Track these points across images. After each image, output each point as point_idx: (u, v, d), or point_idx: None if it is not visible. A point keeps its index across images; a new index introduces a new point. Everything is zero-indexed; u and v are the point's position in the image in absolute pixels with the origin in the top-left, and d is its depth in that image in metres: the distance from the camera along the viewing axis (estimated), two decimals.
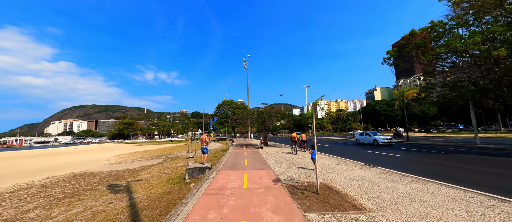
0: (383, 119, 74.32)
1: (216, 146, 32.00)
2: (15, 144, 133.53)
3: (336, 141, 27.20)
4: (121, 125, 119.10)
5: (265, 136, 22.32)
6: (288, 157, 12.77)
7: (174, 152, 27.90)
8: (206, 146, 10.02)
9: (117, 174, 12.30)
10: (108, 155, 30.39)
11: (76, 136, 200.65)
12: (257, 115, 19.92)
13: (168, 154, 24.98)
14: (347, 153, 15.06)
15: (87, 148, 57.46)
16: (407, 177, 6.78)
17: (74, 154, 36.91)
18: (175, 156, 21.57)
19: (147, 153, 28.90)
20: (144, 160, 19.64)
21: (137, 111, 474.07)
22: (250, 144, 26.97)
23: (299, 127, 54.00)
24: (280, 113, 19.70)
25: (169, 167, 13.50)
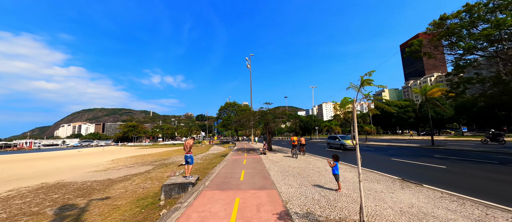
0: (394, 121, 70.36)
1: (217, 151, 29.77)
2: (25, 147, 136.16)
3: None
4: (126, 128, 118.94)
5: (269, 139, 19.90)
6: (296, 166, 10.30)
7: (171, 157, 25.83)
8: (190, 154, 7.72)
9: (89, 187, 10.15)
10: (102, 159, 28.64)
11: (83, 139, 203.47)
12: (260, 117, 17.61)
13: (163, 160, 22.89)
14: (367, 161, 12.43)
15: (89, 151, 56.42)
16: (493, 208, 4.22)
17: (71, 158, 35.50)
18: (169, 162, 19.42)
19: (142, 158, 26.92)
20: (133, 167, 17.54)
21: (144, 114, 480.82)
22: (252, 148, 24.57)
23: (306, 129, 51.15)
24: (285, 114, 17.29)
25: (153, 178, 11.27)
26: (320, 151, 19.39)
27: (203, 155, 25.39)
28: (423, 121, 64.36)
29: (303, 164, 10.85)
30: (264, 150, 16.40)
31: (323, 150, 20.38)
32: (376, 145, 24.14)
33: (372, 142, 29.09)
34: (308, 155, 15.72)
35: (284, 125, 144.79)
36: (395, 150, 18.41)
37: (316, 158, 13.60)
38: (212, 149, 34.38)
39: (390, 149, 19.53)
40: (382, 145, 24.22)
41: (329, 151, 19.66)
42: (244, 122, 19.05)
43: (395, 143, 25.00)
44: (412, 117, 65.69)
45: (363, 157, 14.35)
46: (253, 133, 42.50)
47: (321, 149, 21.70)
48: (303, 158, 13.89)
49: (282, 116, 17.30)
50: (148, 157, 28.70)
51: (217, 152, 27.43)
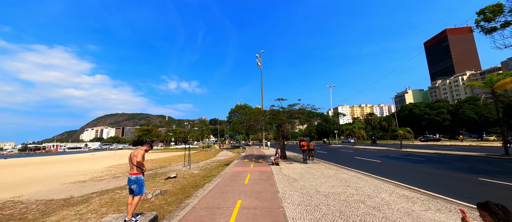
0: (425, 125, 62.15)
1: (223, 157, 26.41)
2: (52, 149, 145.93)
3: (388, 155, 19.50)
4: (140, 132, 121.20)
5: (282, 145, 16.03)
6: (330, 192, 6.38)
7: (171, 164, 22.93)
8: (137, 175, 4.19)
9: (20, 214, 7.11)
10: (102, 165, 26.66)
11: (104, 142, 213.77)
12: (271, 116, 13.92)
13: (160, 167, 19.98)
14: (444, 182, 8.09)
15: (101, 155, 56.45)
16: None
17: (76, 162, 34.44)
18: (162, 172, 16.33)
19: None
20: (119, 178, 14.64)
21: (160, 118, 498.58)
22: (262, 155, 20.78)
23: (323, 133, 46.10)
24: (303, 113, 13.32)
25: (113, 201, 7.99)
26: (349, 161, 15.05)
27: (206, 162, 22.20)
28: (461, 124, 55.74)
29: (340, 188, 6.86)
30: (276, 159, 12.58)
31: (353, 159, 15.98)
32: (422, 154, 19.06)
33: (409, 149, 23.80)
34: (330, 164, 11.62)
35: (298, 129, 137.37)
36: (460, 161, 13.52)
37: (353, 173, 9.48)
38: (220, 155, 31.15)
39: (451, 159, 14.60)
40: (430, 153, 19.07)
41: (360, 160, 15.24)
42: (252, 123, 15.46)
43: (445, 151, 19.68)
44: (448, 119, 57.36)
45: (423, 173, 9.87)
46: (264, 137, 38.64)
47: (349, 158, 17.27)
48: (333, 172, 9.85)
49: (300, 115, 13.42)
50: (149, 163, 26.15)
51: (222, 159, 24.11)
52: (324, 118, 12.91)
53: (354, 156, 18.64)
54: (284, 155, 15.94)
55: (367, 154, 19.80)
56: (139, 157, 4.24)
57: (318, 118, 12.86)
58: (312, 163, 13.32)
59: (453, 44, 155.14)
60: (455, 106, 58.82)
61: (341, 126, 48.08)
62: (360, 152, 23.53)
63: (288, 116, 13.29)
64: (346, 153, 22.39)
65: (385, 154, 19.00)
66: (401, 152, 20.59)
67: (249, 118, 15.45)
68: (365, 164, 13.28)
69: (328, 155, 21.01)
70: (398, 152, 21.28)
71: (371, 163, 13.44)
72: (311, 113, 12.71)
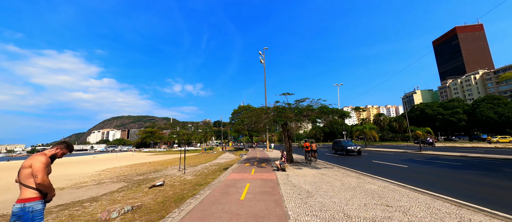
0: (439, 125, 58.65)
1: (224, 159, 24.48)
2: None
3: (410, 158, 17.11)
4: (144, 134, 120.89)
5: (288, 147, 13.96)
6: (368, 221, 4.29)
7: (168, 167, 21.18)
8: (26, 203, 2.21)
9: None
10: (93, 169, 25.14)
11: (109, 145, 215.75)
12: (275, 114, 11.90)
13: (156, 171, 18.21)
14: None
15: (102, 157, 55.40)
16: None
17: (74, 165, 33.09)
18: (156, 176, 14.50)
19: (136, 168, 22.74)
20: (103, 186, 12.86)
21: (165, 120, 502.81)
22: (266, 158, 18.72)
23: (331, 135, 43.61)
24: (312, 110, 11.14)
25: (73, 218, 6.09)
26: (368, 165, 12.82)
27: (204, 165, 20.32)
28: (478, 124, 52.14)
29: (377, 208, 4.75)
30: (282, 163, 10.51)
31: (371, 164, 13.72)
32: (451, 157, 16.60)
33: (430, 151, 21.27)
34: (347, 170, 9.47)
35: (302, 130, 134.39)
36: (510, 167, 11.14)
37: (382, 183, 7.33)
38: (221, 157, 29.25)
39: (495, 164, 12.20)
40: (460, 156, 16.58)
41: (380, 164, 12.98)
42: (254, 122, 13.49)
43: (476, 154, 17.14)
44: (464, 119, 53.83)
45: (476, 183, 7.60)
46: (268, 139, 36.55)
47: (366, 162, 15.00)
48: (355, 181, 7.75)
49: (309, 112, 11.31)
50: (144, 166, 24.50)
51: (222, 162, 22.19)
52: (341, 113, 10.54)
53: (371, 159, 16.36)
54: (290, 159, 13.85)
55: (385, 157, 17.46)
56: (38, 173, 2.28)
57: (334, 115, 10.71)
58: (325, 169, 11.21)
59: (464, 42, 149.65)
60: (472, 106, 55.25)
61: (355, 126, 45.43)
62: (376, 154, 21.16)
63: (296, 112, 11.21)
64: (361, 156, 20.07)
65: (407, 157, 16.62)
66: (424, 155, 18.14)
67: (250, 116, 13.47)
68: (390, 170, 11.06)
69: (340, 158, 18.76)
70: (420, 155, 18.83)
71: (397, 169, 11.20)
72: (324, 108, 10.56)
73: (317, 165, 12.54)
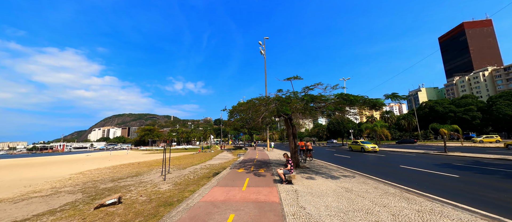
0: (450, 123, 55.06)
1: (219, 160, 21.59)
2: (58, 149, 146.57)
3: (446, 162, 14.02)
4: (142, 131, 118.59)
5: (294, 148, 10.99)
6: None
7: (153, 170, 18.31)
8: None
9: None
10: (72, 170, 22.42)
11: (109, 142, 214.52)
12: (277, 104, 8.90)
13: (136, 175, 15.36)
14: None
15: (95, 156, 52.97)
16: None
17: (59, 164, 30.58)
18: (125, 185, 11.62)
19: (118, 171, 19.98)
20: (51, 198, 9.98)
21: (166, 119, 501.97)
22: (265, 161, 15.76)
23: (336, 133, 40.56)
24: (325, 100, 8.05)
25: None
26: (398, 173, 9.82)
27: (195, 168, 17.52)
28: (494, 122, 48.70)
29: None
30: (287, 173, 7.45)
31: (400, 170, 10.71)
32: (495, 161, 13.50)
33: (458, 153, 18.21)
34: (376, 181, 6.49)
35: (304, 128, 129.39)
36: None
37: (451, 210, 4.35)
38: (217, 157, 26.40)
39: None
40: (503, 159, 13.47)
41: (413, 171, 9.96)
42: (249, 117, 10.56)
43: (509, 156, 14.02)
44: (478, 117, 50.41)
45: None
46: (269, 137, 33.57)
47: (392, 168, 11.99)
48: (403, 203, 4.78)
49: (323, 101, 8.27)
50: (129, 168, 21.71)
51: (216, 164, 19.33)
52: (373, 104, 7.18)
53: (393, 163, 13.34)
54: (296, 163, 10.87)
55: (410, 160, 14.42)
56: None
57: (363, 105, 7.47)
58: (345, 178, 8.25)
59: (471, 38, 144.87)
60: (487, 103, 51.78)
61: (364, 124, 42.24)
62: (395, 156, 18.10)
63: (306, 102, 8.09)
64: (379, 158, 17.05)
65: (439, 161, 13.55)
66: (457, 158, 15.06)
67: (247, 108, 10.52)
68: (435, 180, 8.06)
69: (356, 161, 15.76)
70: (450, 157, 15.75)
71: (444, 180, 8.17)
72: (348, 96, 7.32)
73: (331, 172, 9.59)
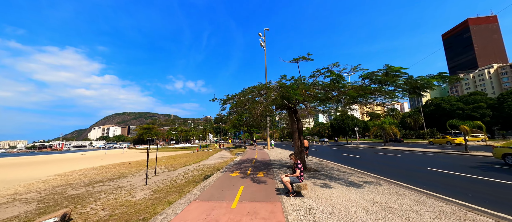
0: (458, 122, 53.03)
1: (215, 160, 19.66)
2: (58, 148, 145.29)
3: (479, 163, 12.00)
4: (141, 130, 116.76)
5: (299, 147, 9.02)
6: None
7: (140, 172, 16.39)
8: None
9: None
10: (55, 171, 20.60)
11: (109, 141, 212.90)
12: (280, 92, 6.96)
13: (113, 180, 13.42)
14: None
15: (90, 155, 51.20)
16: None
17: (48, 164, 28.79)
18: (98, 191, 9.69)
19: (102, 172, 18.19)
20: (11, 207, 8.07)
21: (166, 117, 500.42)
22: (265, 162, 13.77)
23: (340, 131, 38.56)
24: (350, 87, 6.03)
25: None
26: (431, 177, 7.85)
27: (187, 169, 15.66)
28: (505, 120, 46.58)
29: None
30: (294, 181, 5.40)
31: (432, 174, 8.74)
32: None
33: (481, 152, 16.21)
34: (417, 192, 4.50)
35: (305, 127, 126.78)
36: None
37: None
38: (214, 157, 24.50)
39: None
40: None
41: (448, 175, 7.99)
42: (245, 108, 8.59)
43: None
44: (488, 114, 48.26)
45: None
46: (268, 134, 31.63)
47: (418, 170, 10.02)
48: None
49: (340, 86, 6.27)
50: (116, 168, 19.87)
51: (212, 164, 17.45)
52: (417, 85, 4.53)
53: (420, 166, 11.33)
54: (304, 165, 8.89)
55: (435, 162, 12.41)
56: None
57: (405, 87, 5.08)
58: (370, 186, 6.30)
59: (476, 35, 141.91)
60: (497, 100, 49.64)
61: (361, 122, 40.41)
62: (411, 156, 16.11)
63: (336, 79, 5.89)
64: (395, 159, 15.06)
65: (473, 163, 11.53)
66: (483, 159, 13.03)
67: (243, 98, 8.53)
68: (486, 188, 6.07)
69: (370, 162, 13.77)
70: (476, 158, 13.74)
71: (501, 188, 6.18)
72: (393, 69, 4.92)
73: (347, 176, 7.67)
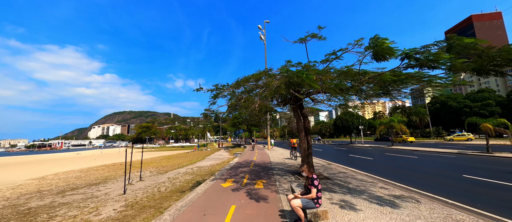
0: (465, 119, 51.21)
1: (211, 161, 17.98)
2: (57, 147, 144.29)
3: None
4: (140, 129, 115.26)
5: (307, 149, 7.32)
6: None
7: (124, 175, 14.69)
8: None
9: None
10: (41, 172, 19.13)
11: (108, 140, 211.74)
12: (284, 79, 5.36)
13: (91, 186, 11.78)
14: None
15: (85, 154, 49.75)
16: None
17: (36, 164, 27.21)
18: (64, 202, 8.03)
19: (87, 174, 16.62)
20: None
21: (166, 116, 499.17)
22: (265, 165, 12.06)
23: (344, 129, 36.79)
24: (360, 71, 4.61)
25: None
26: (476, 189, 6.15)
27: (177, 172, 14.05)
28: None
29: None
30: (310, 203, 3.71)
31: (470, 183, 7.04)
32: None
33: (505, 153, 14.49)
34: None
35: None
36: None
37: None
38: (211, 157, 22.84)
39: None
40: None
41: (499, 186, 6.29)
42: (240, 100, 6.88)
43: None
44: (497, 112, 46.39)
45: None
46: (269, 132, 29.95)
47: (452, 179, 8.34)
48: None
49: (369, 72, 4.64)
50: (103, 171, 18.26)
51: (208, 166, 15.81)
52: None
53: (451, 171, 9.62)
54: (311, 165, 7.17)
55: (464, 167, 10.69)
56: None
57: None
58: (420, 212, 4.53)
59: (480, 31, 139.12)
60: (507, 97, 47.77)
61: (366, 120, 38.64)
62: (433, 158, 14.37)
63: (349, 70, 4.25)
64: (414, 161, 13.36)
65: (508, 167, 9.81)
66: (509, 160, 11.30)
67: (239, 93, 6.82)
68: None
69: (387, 166, 12.09)
70: (503, 160, 12.00)
71: None
72: (463, 43, 3.28)
73: (369, 188, 5.98)
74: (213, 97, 7.29)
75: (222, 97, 7.46)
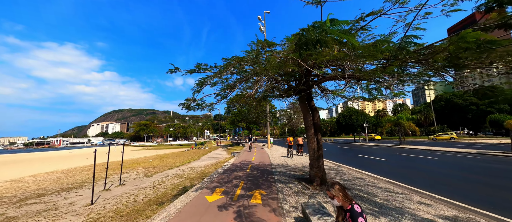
0: (472, 117, 49.67)
1: (206, 161, 16.40)
2: (55, 144, 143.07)
3: None
4: (138, 127, 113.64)
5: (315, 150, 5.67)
6: None
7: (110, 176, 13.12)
8: None
9: None
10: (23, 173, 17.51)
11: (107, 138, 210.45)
12: (294, 39, 3.74)
13: (63, 190, 10.16)
14: None
15: (80, 152, 48.28)
16: None
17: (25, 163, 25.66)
18: (13, 216, 6.36)
19: (72, 175, 14.95)
20: None
21: (165, 114, 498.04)
22: (264, 168, 10.45)
23: (348, 127, 35.17)
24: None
25: None
26: None
27: (166, 175, 12.50)
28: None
29: None
30: None
31: None
32: None
33: None
34: None
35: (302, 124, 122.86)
36: None
37: None
38: (207, 157, 21.27)
39: None
40: None
41: None
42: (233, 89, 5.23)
43: None
44: (505, 110, 44.73)
45: None
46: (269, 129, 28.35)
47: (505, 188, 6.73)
48: None
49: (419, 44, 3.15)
50: (90, 171, 16.62)
51: (202, 166, 14.27)
52: None
53: (492, 177, 8.02)
54: (322, 177, 5.57)
55: (500, 171, 9.09)
56: None
57: None
58: None
59: None
60: None
61: (371, 118, 37.07)
62: (455, 159, 12.76)
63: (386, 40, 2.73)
64: (437, 163, 11.75)
65: None
66: None
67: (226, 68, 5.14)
68: None
69: (406, 169, 10.53)
70: None
71: None
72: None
73: (401, 204, 4.41)
74: (198, 84, 5.63)
75: (210, 85, 5.79)
